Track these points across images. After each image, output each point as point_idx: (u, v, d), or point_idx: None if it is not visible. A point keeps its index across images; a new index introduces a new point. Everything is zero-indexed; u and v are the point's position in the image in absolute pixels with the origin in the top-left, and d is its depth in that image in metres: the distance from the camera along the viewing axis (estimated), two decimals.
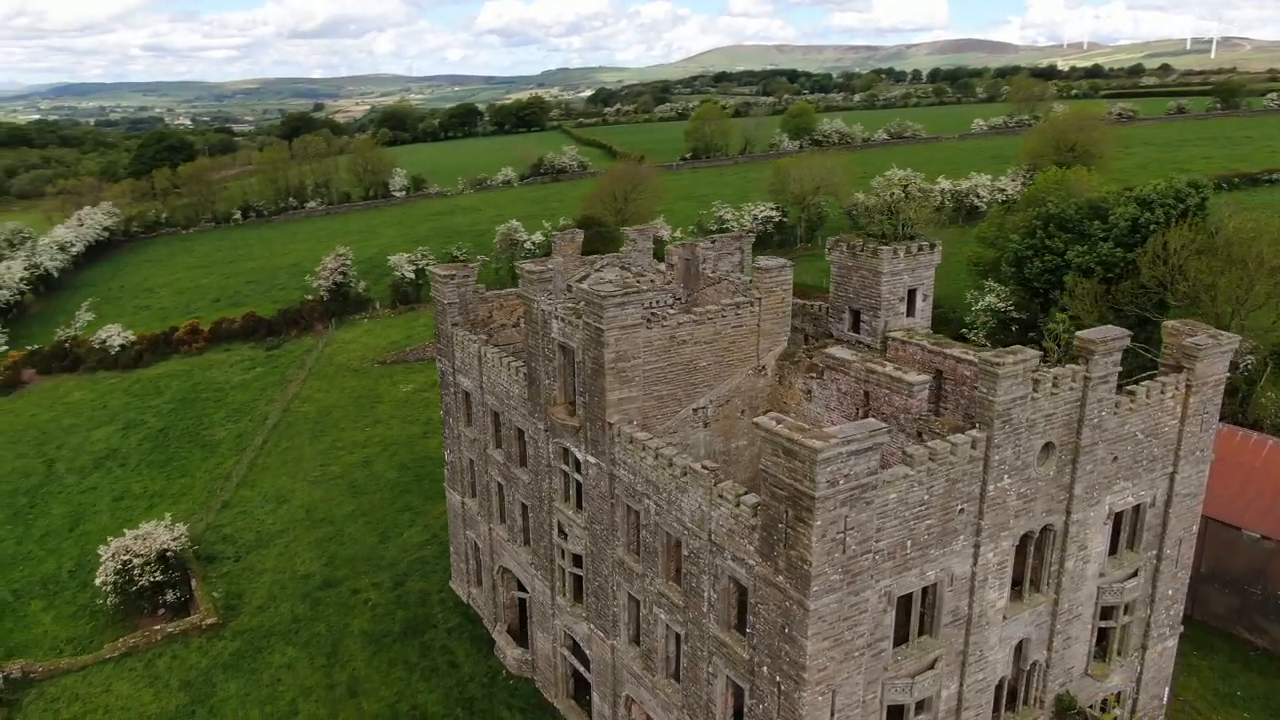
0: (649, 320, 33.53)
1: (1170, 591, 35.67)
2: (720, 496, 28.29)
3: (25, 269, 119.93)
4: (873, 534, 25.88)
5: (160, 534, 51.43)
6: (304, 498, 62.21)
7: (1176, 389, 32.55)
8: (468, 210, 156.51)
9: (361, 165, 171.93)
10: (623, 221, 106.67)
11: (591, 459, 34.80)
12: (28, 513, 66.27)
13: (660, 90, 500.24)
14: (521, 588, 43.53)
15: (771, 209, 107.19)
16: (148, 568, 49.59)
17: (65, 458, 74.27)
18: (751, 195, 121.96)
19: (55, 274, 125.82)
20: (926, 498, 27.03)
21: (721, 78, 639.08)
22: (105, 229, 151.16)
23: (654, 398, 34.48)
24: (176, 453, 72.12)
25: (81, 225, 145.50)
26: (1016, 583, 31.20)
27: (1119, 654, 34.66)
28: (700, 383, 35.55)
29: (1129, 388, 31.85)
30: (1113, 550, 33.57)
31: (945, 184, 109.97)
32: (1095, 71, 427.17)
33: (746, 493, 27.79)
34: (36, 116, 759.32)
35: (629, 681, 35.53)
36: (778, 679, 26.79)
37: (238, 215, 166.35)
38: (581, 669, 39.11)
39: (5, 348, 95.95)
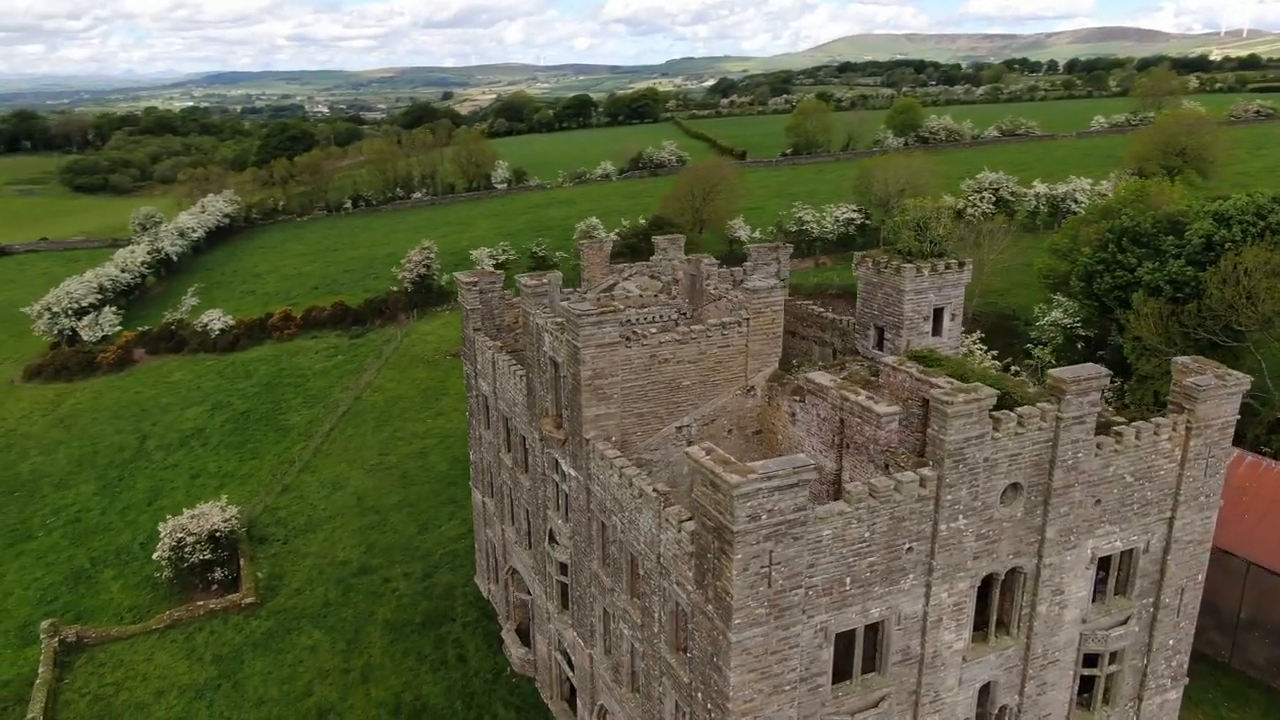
0: (628, 339, 33.90)
1: (1171, 642, 33.87)
2: (667, 520, 28.53)
3: (148, 253, 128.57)
4: (803, 569, 25.68)
5: (213, 514, 54.86)
6: (357, 485, 65.07)
7: (1174, 430, 30.87)
8: (563, 204, 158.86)
9: (466, 157, 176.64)
10: (700, 222, 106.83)
11: (572, 472, 35.49)
12: (116, 485, 71.54)
13: (781, 81, 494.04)
14: (527, 590, 44.67)
15: (854, 211, 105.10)
16: (198, 546, 53.03)
17: (157, 434, 79.67)
18: (849, 195, 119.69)
19: (175, 258, 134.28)
20: (868, 535, 26.60)
21: (845, 68, 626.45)
22: (226, 215, 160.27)
23: (634, 415, 34.86)
24: (252, 435, 76.41)
25: (204, 212, 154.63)
26: (982, 624, 30.32)
27: (1106, 704, 33.18)
28: (684, 401, 35.70)
29: (1116, 428, 30.45)
30: (1100, 596, 32.17)
31: (1040, 188, 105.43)
32: (1250, 63, 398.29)
33: (689, 519, 27.93)
34: (190, 104, 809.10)
35: (603, 691, 36.16)
36: (709, 706, 26.95)
37: (348, 204, 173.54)
38: (570, 674, 39.96)
39: (119, 328, 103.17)
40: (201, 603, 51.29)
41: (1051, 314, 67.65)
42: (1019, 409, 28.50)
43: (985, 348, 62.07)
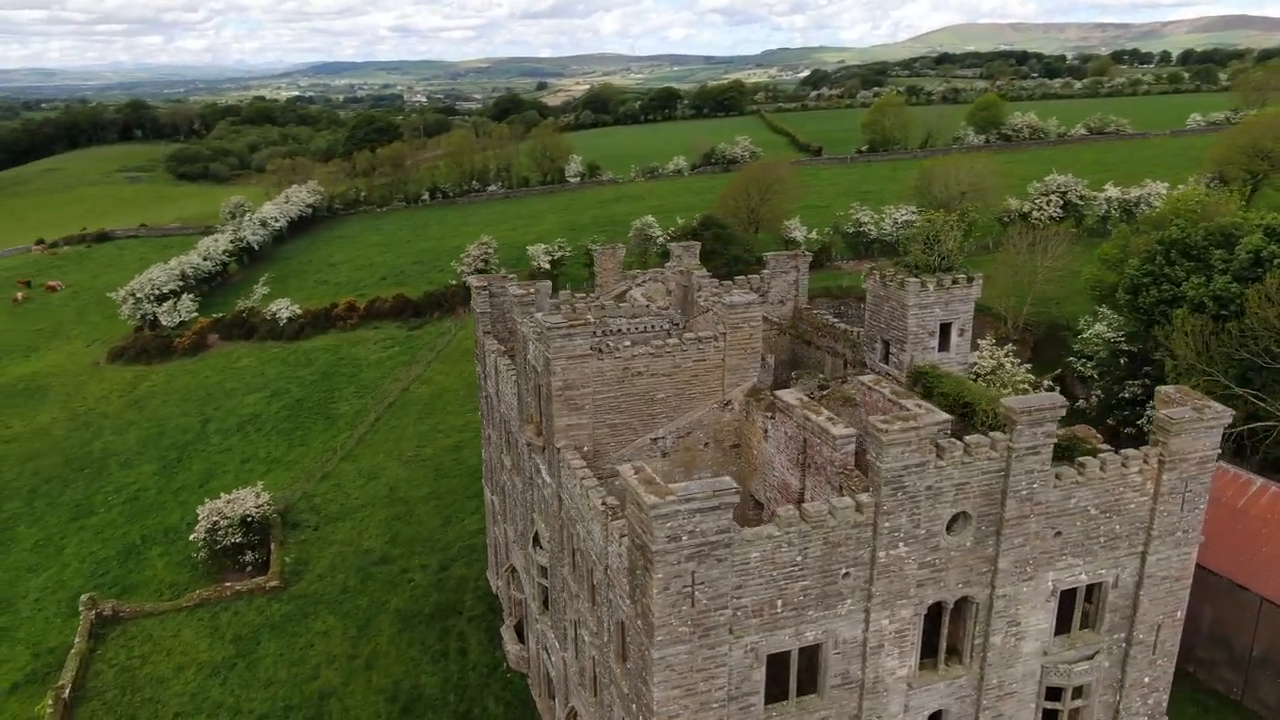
0: (600, 351, 34.50)
1: (1147, 679, 32.90)
2: (611, 534, 29.11)
3: (230, 242, 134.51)
4: (729, 590, 25.98)
5: (248, 500, 57.63)
6: (392, 476, 67.31)
7: (1145, 463, 29.98)
8: (633, 199, 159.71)
9: (540, 151, 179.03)
10: (754, 222, 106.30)
11: (548, 479, 36.36)
12: (174, 466, 75.56)
13: (875, 73, 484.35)
14: (523, 588, 45.80)
15: (913, 213, 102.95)
16: (231, 530, 55.81)
17: (218, 418, 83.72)
18: (911, 196, 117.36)
19: (256, 247, 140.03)
20: (800, 559, 26.70)
21: (943, 60, 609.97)
22: (309, 205, 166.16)
23: (606, 426, 35.45)
24: (303, 422, 79.65)
25: (287, 202, 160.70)
26: (932, 651, 30.03)
27: None
28: (658, 414, 36.12)
29: (1080, 459, 29.73)
30: (1065, 629, 31.47)
31: (1112, 191, 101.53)
32: None
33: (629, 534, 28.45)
34: (295, 93, 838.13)
35: (574, 692, 37.00)
36: (640, 718, 27.49)
37: (425, 196, 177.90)
38: (552, 673, 40.91)
39: (195, 314, 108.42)
40: (229, 584, 54.04)
41: (1095, 327, 65.42)
42: (967, 437, 28.14)
43: (1017, 360, 60.53)
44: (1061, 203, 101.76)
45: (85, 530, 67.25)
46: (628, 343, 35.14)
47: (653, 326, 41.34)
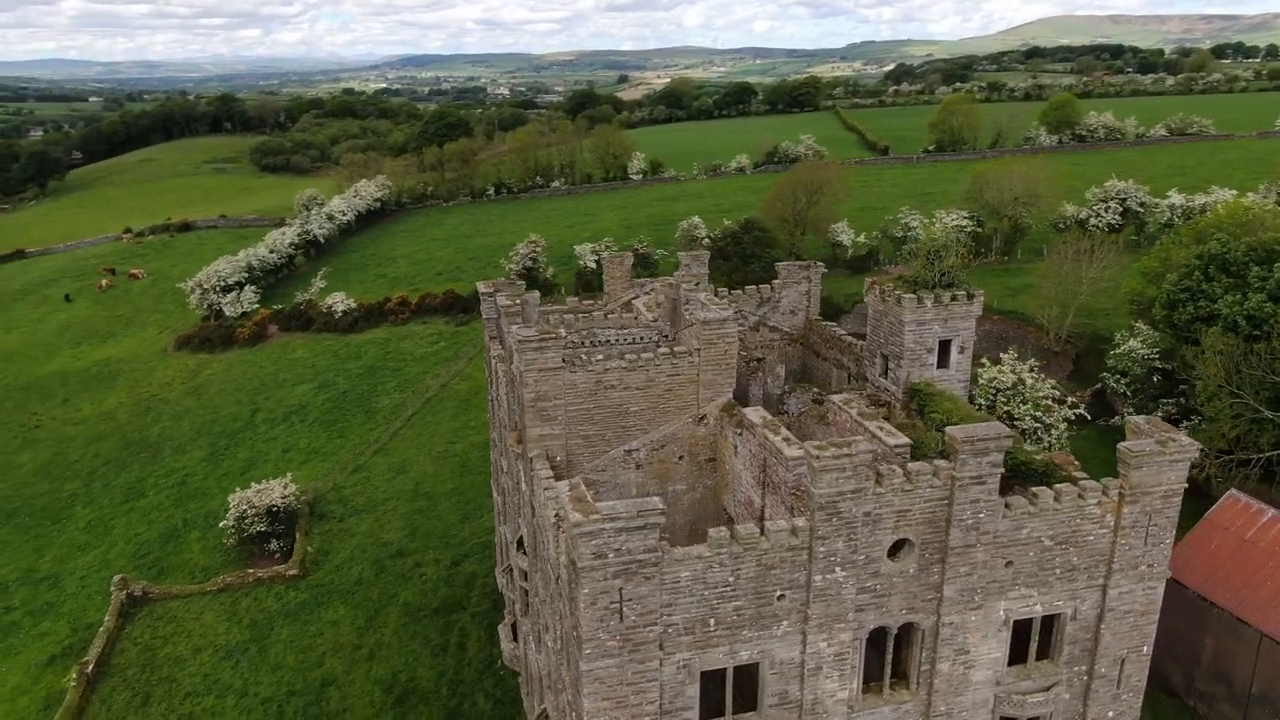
0: (573, 364, 35.27)
1: (1111, 714, 32.31)
2: (560, 546, 29.88)
3: (297, 235, 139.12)
4: (659, 608, 26.55)
5: (275, 490, 60.13)
6: (419, 471, 69.28)
7: (1105, 495, 29.47)
8: (692, 197, 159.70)
9: (604, 148, 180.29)
10: (801, 224, 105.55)
11: (525, 485, 37.34)
12: (222, 453, 79.01)
13: (960, 68, 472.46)
14: None
15: (965, 218, 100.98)
16: (257, 519, 58.33)
17: (267, 408, 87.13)
18: (962, 201, 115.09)
19: (322, 240, 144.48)
20: (732, 580, 27.09)
21: (1033, 54, 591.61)
22: (376, 199, 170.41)
23: (580, 437, 36.23)
24: (344, 414, 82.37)
25: (355, 196, 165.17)
26: (878, 675, 30.08)
27: None
28: (632, 426, 36.73)
29: (1034, 489, 29.39)
30: (1020, 659, 31.13)
31: (1176, 198, 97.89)
32: None
33: None
34: (383, 85, 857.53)
35: (547, 693, 37.96)
36: None
37: (491, 191, 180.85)
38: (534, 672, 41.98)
39: (256, 305, 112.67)
40: (251, 571, 56.55)
41: (1129, 343, 63.54)
42: (910, 465, 28.10)
43: (1041, 375, 59.10)
44: (1120, 209, 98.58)
45: (134, 512, 70.94)
46: (601, 356, 35.84)
47: (641, 338, 41.92)
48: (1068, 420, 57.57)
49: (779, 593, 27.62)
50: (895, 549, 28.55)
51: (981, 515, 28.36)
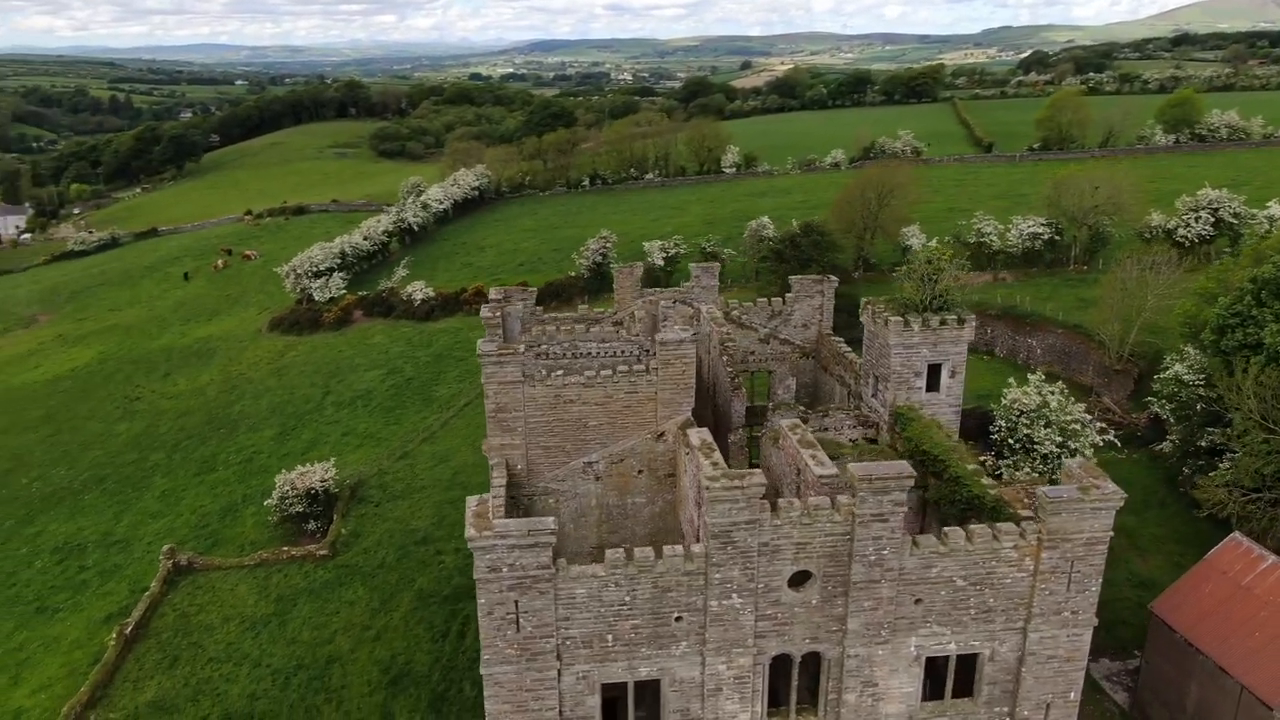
0: (532, 378, 36.88)
1: None
2: None
3: (391, 223, 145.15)
4: (554, 621, 28.01)
5: (316, 474, 64.02)
6: (460, 461, 72.25)
7: (1022, 539, 29.27)
8: (780, 193, 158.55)
9: (698, 140, 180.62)
10: (871, 228, 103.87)
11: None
12: (289, 433, 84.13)
13: (1098, 55, 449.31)
14: None
15: (1042, 225, 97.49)
16: (297, 500, 62.34)
17: (337, 391, 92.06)
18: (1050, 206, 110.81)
19: (416, 228, 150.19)
20: (628, 599, 28.30)
21: (1180, 41, 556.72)
22: (474, 188, 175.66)
23: (540, 448, 37.88)
24: (403, 401, 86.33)
25: (454, 185, 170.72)
26: (785, 700, 30.72)
27: None
28: (591, 440, 38.12)
29: (946, 529, 29.43)
30: (937, 695, 31.20)
31: (1277, 209, 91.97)
32: None
33: None
34: (510, 70, 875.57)
35: None
36: None
37: (586, 182, 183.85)
38: None
39: (344, 291, 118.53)
40: (286, 549, 60.53)
41: (1174, 368, 60.79)
42: (810, 499, 28.61)
43: (1067, 396, 57.20)
44: (1213, 220, 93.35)
45: (204, 485, 76.53)
46: (560, 371, 37.33)
47: (621, 352, 43.14)
48: (1095, 446, 55.89)
49: (676, 614, 28.67)
50: (800, 579, 29.14)
51: (885, 552, 28.64)
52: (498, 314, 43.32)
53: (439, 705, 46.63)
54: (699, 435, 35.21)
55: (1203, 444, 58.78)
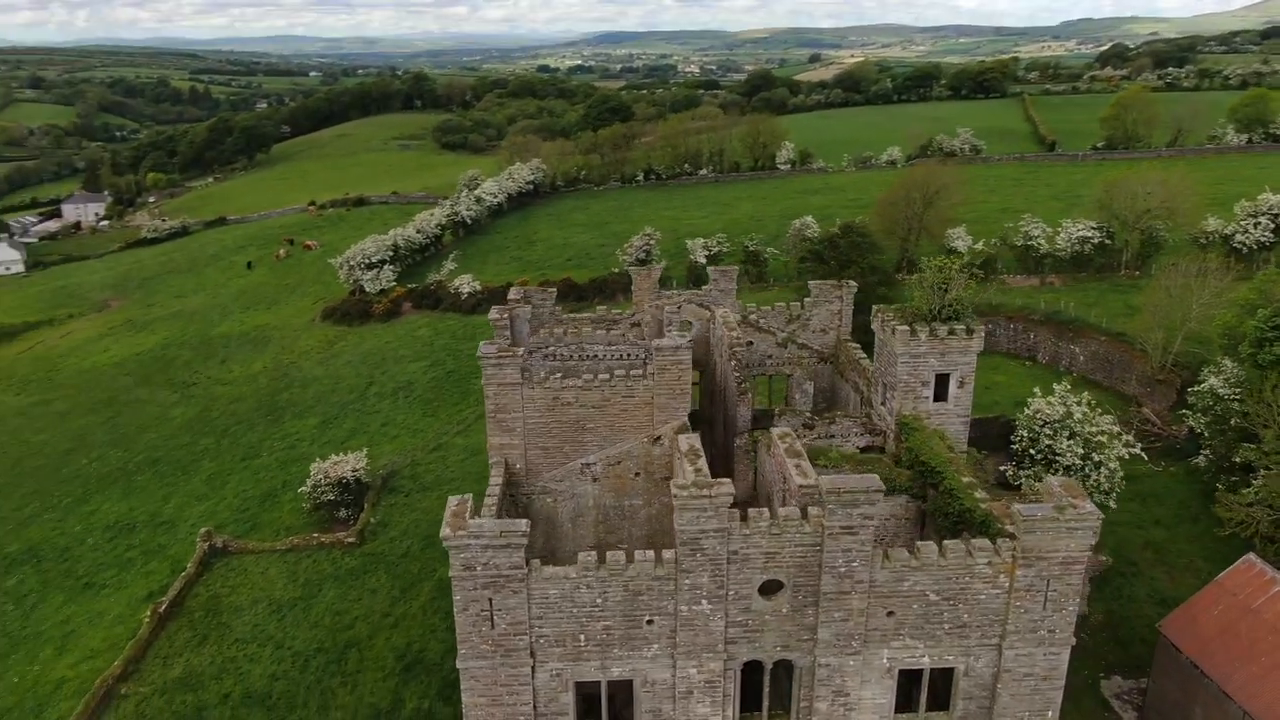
0: (529, 380, 37.78)
1: None
2: None
3: (445, 216, 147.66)
4: (527, 619, 28.90)
5: (348, 464, 66.00)
6: None
7: (996, 556, 29.25)
8: (834, 191, 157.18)
9: (753, 137, 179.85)
10: (915, 230, 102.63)
11: None
12: (331, 422, 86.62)
13: (1180, 49, 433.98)
14: None
15: (1092, 228, 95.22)
16: (329, 489, 64.39)
17: (380, 382, 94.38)
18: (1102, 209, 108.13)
19: (469, 221, 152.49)
20: (600, 601, 29.05)
21: (1272, 33, 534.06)
22: (529, 182, 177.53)
23: (538, 448, 38.78)
24: (441, 393, 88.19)
25: (509, 179, 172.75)
26: (757, 705, 31.15)
27: None
28: (589, 442, 38.88)
29: (919, 543, 29.55)
30: (910, 707, 31.33)
31: None
32: None
33: None
34: (578, 62, 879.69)
35: None
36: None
37: (640, 177, 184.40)
38: None
39: (393, 283, 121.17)
40: (316, 535, 62.60)
41: (1209, 380, 59.26)
42: (781, 510, 28.97)
43: (1094, 407, 56.13)
44: (1272, 226, 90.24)
45: (248, 471, 79.35)
46: (559, 374, 38.16)
47: (627, 355, 43.82)
48: (1122, 459, 54.83)
49: (647, 617, 29.33)
50: (772, 588, 29.54)
51: (855, 564, 28.89)
52: (505, 316, 44.34)
53: (448, 693, 47.85)
54: (688, 441, 35.77)
55: (1237, 460, 57.29)
